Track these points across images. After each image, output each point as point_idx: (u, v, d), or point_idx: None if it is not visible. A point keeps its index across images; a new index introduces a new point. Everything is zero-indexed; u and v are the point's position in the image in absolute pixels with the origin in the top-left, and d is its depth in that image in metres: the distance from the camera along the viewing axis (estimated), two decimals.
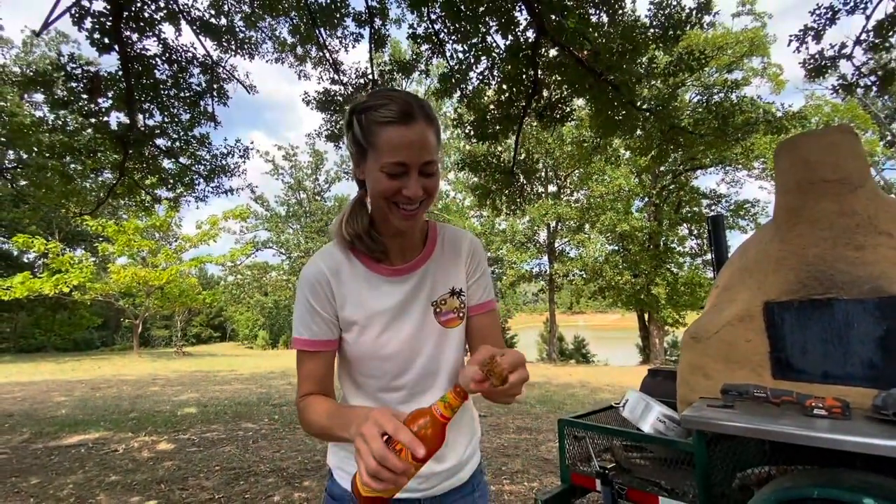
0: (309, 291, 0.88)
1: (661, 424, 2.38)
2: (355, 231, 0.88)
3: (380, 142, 0.77)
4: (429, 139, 0.79)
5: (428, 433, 0.60)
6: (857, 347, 1.69)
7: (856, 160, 1.85)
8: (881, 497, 1.33)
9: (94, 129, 4.99)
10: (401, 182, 0.79)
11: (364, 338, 0.89)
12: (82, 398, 7.92)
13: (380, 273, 0.91)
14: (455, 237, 0.99)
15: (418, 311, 0.91)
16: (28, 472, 3.86)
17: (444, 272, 0.95)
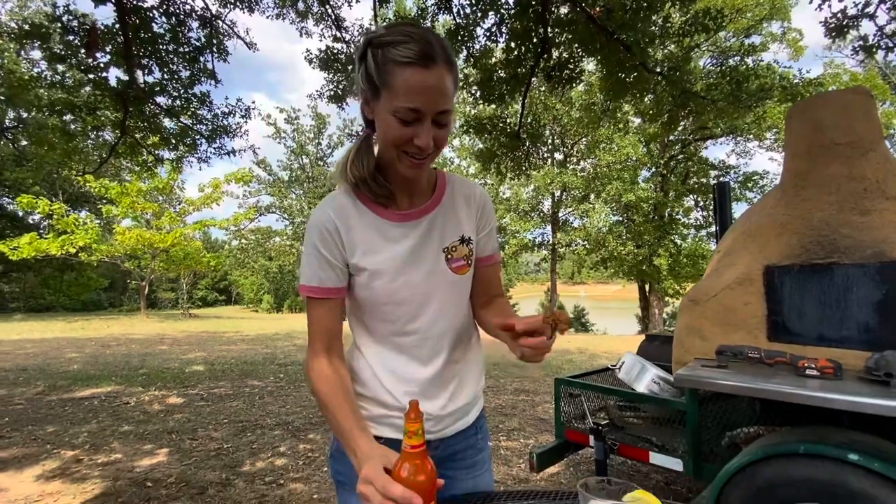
0: (317, 238, 0.85)
1: (655, 386, 2.44)
2: (360, 174, 0.85)
3: (395, 83, 0.72)
4: (447, 85, 0.75)
5: (419, 479, 0.60)
6: (854, 311, 1.70)
7: (869, 123, 1.81)
8: (865, 453, 1.37)
9: (93, 86, 4.89)
10: (413, 129, 0.75)
11: (376, 283, 0.87)
12: (93, 355, 8.15)
13: (388, 218, 0.88)
14: (465, 186, 0.97)
15: (430, 257, 0.90)
16: (44, 422, 4.03)
17: (455, 219, 0.93)
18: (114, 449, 3.37)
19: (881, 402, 1.33)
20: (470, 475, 1.00)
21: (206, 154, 6.49)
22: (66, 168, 7.95)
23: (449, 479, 0.96)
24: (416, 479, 0.60)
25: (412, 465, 0.61)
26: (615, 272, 18.03)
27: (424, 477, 0.60)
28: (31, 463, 3.09)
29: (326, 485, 2.80)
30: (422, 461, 0.61)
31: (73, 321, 16.40)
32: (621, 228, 17.14)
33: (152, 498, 2.60)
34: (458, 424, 0.97)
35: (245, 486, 2.76)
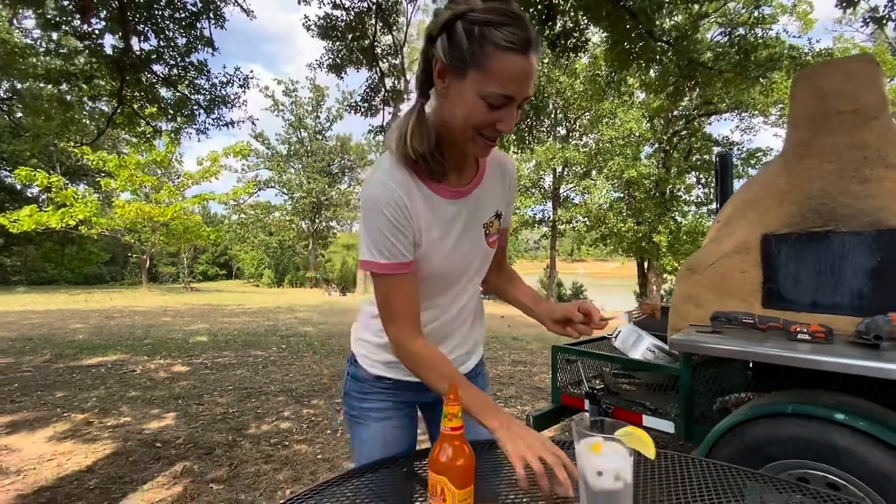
0: (390, 214, 0.80)
1: (650, 354, 2.50)
2: (424, 150, 0.80)
3: (493, 67, 0.69)
4: (535, 71, 0.73)
5: (458, 463, 0.61)
6: (848, 278, 1.73)
7: (873, 91, 1.79)
8: (851, 413, 1.42)
9: (88, 53, 4.80)
10: (499, 114, 0.73)
11: (435, 257, 0.87)
12: (97, 325, 8.26)
13: (442, 195, 0.86)
14: (501, 160, 0.97)
15: (474, 233, 0.92)
16: (52, 387, 4.13)
17: (491, 195, 0.95)
18: (122, 413, 3.47)
19: (868, 363, 1.37)
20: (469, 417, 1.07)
21: (204, 125, 6.44)
22: (64, 139, 7.85)
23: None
24: (455, 463, 0.60)
25: (452, 447, 0.61)
26: (614, 249, 18.07)
27: (464, 460, 0.61)
28: (42, 425, 3.19)
29: (329, 446, 2.90)
30: (461, 443, 0.62)
31: (75, 294, 16.55)
32: (622, 205, 17.10)
33: (162, 457, 2.69)
34: (462, 368, 1.03)
35: (251, 446, 2.86)
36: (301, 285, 29.25)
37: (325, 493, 0.78)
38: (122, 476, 2.45)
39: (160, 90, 5.91)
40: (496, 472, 0.90)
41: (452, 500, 0.58)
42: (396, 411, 1.00)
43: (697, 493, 0.81)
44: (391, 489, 0.83)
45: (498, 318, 10.01)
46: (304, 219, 30.68)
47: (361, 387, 1.01)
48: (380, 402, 0.99)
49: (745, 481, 0.87)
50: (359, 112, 6.91)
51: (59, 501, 2.19)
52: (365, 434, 0.99)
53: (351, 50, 6.06)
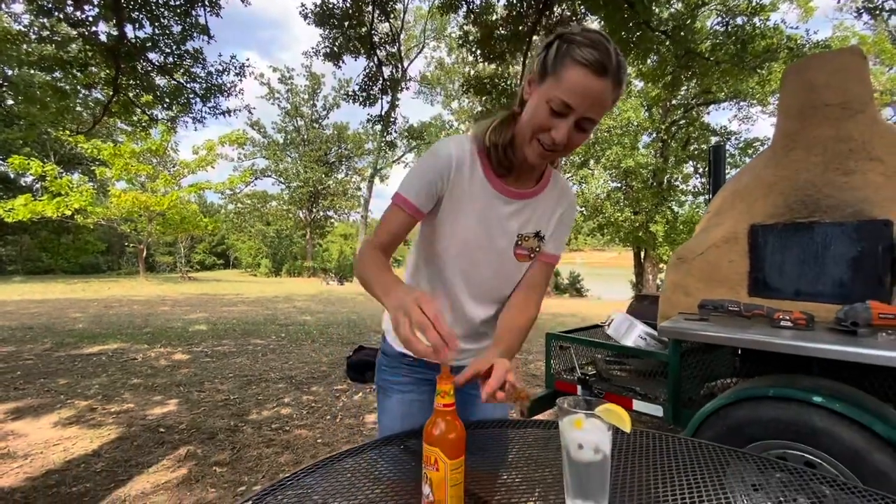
0: (432, 165, 0.93)
1: (641, 341, 2.56)
2: (497, 141, 0.92)
3: (564, 75, 0.78)
4: (606, 99, 0.80)
5: (450, 436, 0.65)
6: (830, 267, 1.79)
7: (860, 84, 1.84)
8: (829, 395, 1.49)
9: (82, 41, 4.77)
10: (556, 121, 0.81)
11: (458, 231, 0.96)
12: (96, 315, 8.30)
13: (494, 186, 0.96)
14: (564, 189, 1.05)
15: (505, 235, 0.99)
16: (55, 375, 4.18)
17: (541, 214, 1.01)
18: (125, 399, 3.53)
19: (845, 349, 1.44)
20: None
21: (200, 114, 6.42)
22: (59, 128, 7.78)
23: (470, 397, 1.09)
24: (448, 436, 0.65)
25: (445, 422, 0.66)
26: (611, 238, 18.16)
27: (455, 434, 0.66)
28: (46, 411, 3.25)
29: (329, 431, 2.97)
30: (452, 418, 0.67)
31: (72, 283, 16.54)
32: (619, 195, 17.12)
33: (166, 442, 2.76)
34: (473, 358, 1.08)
35: (253, 431, 2.93)
36: (299, 275, 29.29)
37: (325, 470, 0.83)
38: (127, 459, 2.52)
39: (155, 78, 5.88)
40: (484, 449, 0.96)
41: (445, 469, 0.64)
42: (416, 386, 1.09)
43: (682, 469, 0.87)
44: (389, 464, 0.89)
45: None
46: (302, 208, 30.60)
47: (389, 361, 1.11)
48: (403, 377, 1.09)
49: (728, 459, 0.93)
50: (357, 101, 6.89)
51: (67, 483, 2.26)
52: (387, 404, 1.10)
53: (348, 38, 6.03)
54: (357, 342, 5.84)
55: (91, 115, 6.87)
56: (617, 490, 0.78)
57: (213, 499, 2.14)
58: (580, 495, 0.72)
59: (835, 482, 0.83)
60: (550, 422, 1.06)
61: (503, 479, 0.83)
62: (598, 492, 0.72)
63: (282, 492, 0.76)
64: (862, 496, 0.79)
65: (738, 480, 0.88)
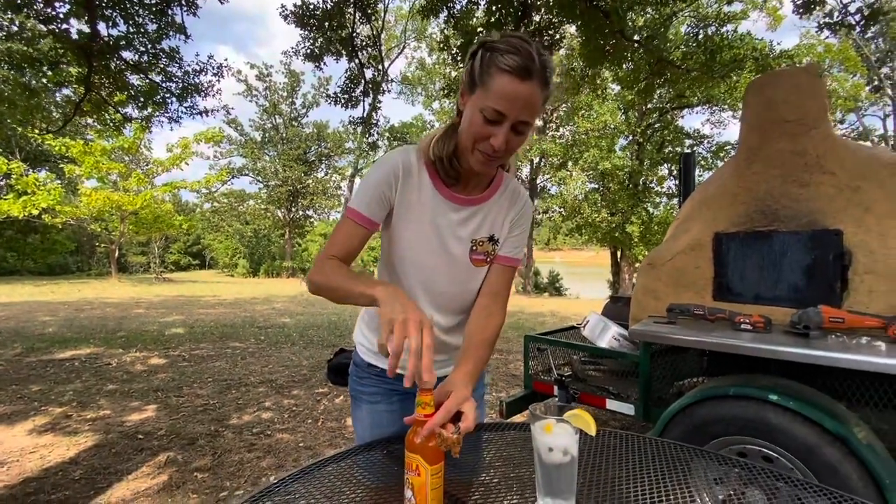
0: (380, 175, 0.95)
1: (615, 342, 2.67)
2: (440, 154, 0.95)
3: (491, 85, 0.81)
4: (535, 100, 0.82)
5: (430, 444, 0.70)
6: (786, 273, 1.92)
7: (815, 101, 1.96)
8: (784, 394, 1.60)
9: (53, 38, 4.64)
10: (492, 129, 0.83)
11: (409, 240, 0.99)
12: (67, 318, 8.05)
13: (442, 194, 0.99)
14: (516, 192, 1.07)
15: (459, 241, 1.01)
16: (27, 381, 4.07)
17: (493, 218, 1.04)
18: (101, 406, 3.47)
19: (797, 350, 1.55)
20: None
21: (176, 113, 6.29)
22: (27, 127, 7.50)
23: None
24: (428, 444, 0.70)
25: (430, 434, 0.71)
26: (589, 239, 18.49)
27: (434, 443, 0.71)
28: (20, 419, 3.18)
29: (311, 435, 2.99)
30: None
31: (41, 285, 15.96)
32: (596, 196, 17.46)
33: (145, 448, 2.74)
34: (443, 370, 1.09)
35: (234, 436, 2.93)
36: (277, 275, 28.85)
37: (310, 475, 0.87)
38: (106, 467, 2.50)
39: (130, 77, 5.74)
40: (464, 451, 1.02)
41: (426, 474, 0.69)
42: (385, 397, 1.11)
43: (647, 466, 0.95)
44: (372, 470, 0.94)
45: None
46: (280, 207, 30.13)
47: (357, 371, 1.14)
48: (371, 387, 1.11)
49: (692, 456, 1.01)
50: (339, 103, 6.87)
51: (46, 491, 2.23)
52: (358, 413, 1.13)
53: (329, 40, 6.01)
54: (338, 344, 5.84)
55: (62, 114, 6.65)
56: (584, 487, 0.85)
57: None
58: (550, 493, 0.79)
59: (788, 478, 0.92)
60: (525, 423, 1.13)
61: (481, 479, 0.90)
62: (567, 490, 0.79)
63: (269, 498, 0.81)
64: (810, 491, 0.88)
65: (701, 476, 0.96)
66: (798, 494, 0.86)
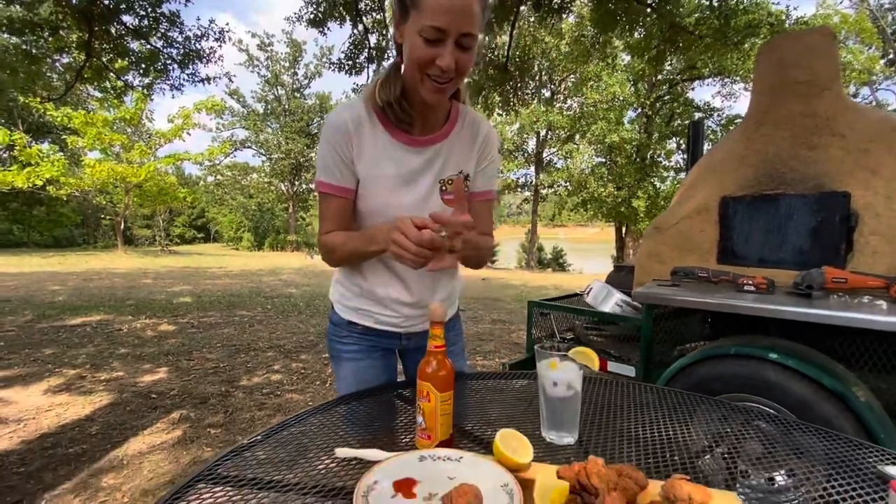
0: (332, 138, 0.91)
1: (618, 308, 2.70)
2: (387, 98, 0.89)
3: (424, 2, 0.75)
4: (474, 8, 0.76)
5: (440, 373, 0.73)
6: (791, 236, 1.92)
7: (828, 63, 1.92)
8: (783, 353, 1.63)
9: (53, 2, 4.54)
10: (436, 50, 0.77)
11: (370, 195, 0.95)
12: (76, 287, 8.18)
13: (399, 140, 0.93)
14: (475, 122, 1.01)
15: (426, 184, 0.96)
16: (40, 346, 4.18)
17: (458, 153, 0.98)
18: (114, 368, 3.57)
19: (798, 309, 1.57)
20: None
21: (178, 81, 6.21)
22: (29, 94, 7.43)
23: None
24: (439, 373, 0.73)
25: (436, 361, 0.74)
26: (594, 214, 18.40)
27: (445, 371, 0.74)
28: (35, 380, 3.27)
29: (320, 395, 3.08)
30: (443, 357, 0.75)
31: (48, 256, 16.13)
32: (603, 170, 17.28)
33: (158, 406, 2.83)
34: (423, 325, 1.10)
35: (244, 396, 3.02)
36: (282, 249, 29.01)
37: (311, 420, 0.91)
38: (121, 423, 2.59)
39: (130, 43, 5.65)
40: (474, 396, 1.06)
41: (436, 400, 0.73)
42: (368, 353, 1.09)
43: (649, 409, 0.99)
44: (374, 413, 0.97)
45: (479, 280, 10.26)
46: (284, 181, 30.03)
47: (337, 330, 1.10)
48: (352, 345, 1.08)
49: (696, 404, 1.04)
50: (342, 70, 6.75)
51: (63, 445, 2.33)
52: (342, 372, 1.11)
53: (333, 4, 5.86)
54: None
55: (63, 82, 6.58)
56: (587, 428, 0.89)
57: (209, 457, 2.24)
58: (554, 427, 0.82)
59: (771, 418, 0.95)
60: (530, 373, 1.16)
61: (489, 417, 0.93)
62: (570, 424, 0.82)
63: (286, 428, 0.86)
64: (794, 427, 0.91)
65: (703, 420, 0.99)
66: (792, 435, 0.90)
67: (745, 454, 0.83)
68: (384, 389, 1.07)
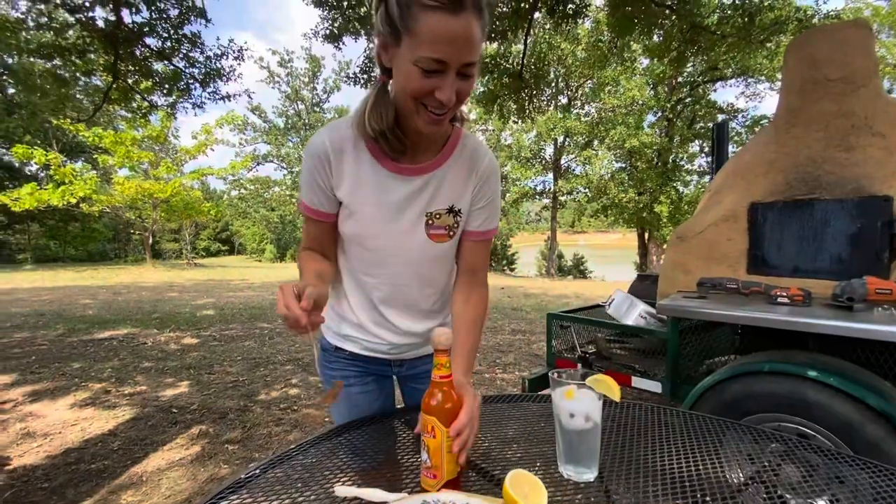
0: (311, 163, 0.86)
1: (642, 320, 2.59)
2: (380, 127, 0.80)
3: (420, 29, 0.65)
4: (475, 34, 0.67)
5: (446, 406, 0.68)
6: (828, 244, 1.80)
7: (864, 58, 1.81)
8: (823, 370, 1.51)
9: (80, 27, 4.74)
10: (435, 81, 0.69)
11: (352, 223, 0.89)
12: (106, 301, 8.43)
13: (385, 167, 0.86)
14: (475, 153, 0.91)
15: (411, 216, 0.89)
16: (69, 359, 4.29)
17: (450, 186, 0.89)
18: (138, 382, 3.63)
19: (839, 323, 1.45)
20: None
21: (200, 99, 6.39)
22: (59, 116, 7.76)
23: (416, 391, 1.09)
24: (444, 406, 0.68)
25: (441, 393, 0.69)
26: (615, 220, 18.08)
27: (451, 404, 0.69)
28: (62, 394, 3.35)
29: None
30: (448, 389, 0.69)
31: (81, 270, 16.75)
32: (623, 175, 16.99)
33: (178, 421, 2.85)
34: (416, 352, 1.05)
35: (262, 411, 3.01)
36: None
37: (310, 450, 0.86)
38: (142, 438, 2.61)
39: (154, 64, 5.85)
40: (487, 423, 1.00)
41: (441, 436, 0.67)
42: (359, 379, 1.04)
43: (676, 439, 0.91)
44: (376, 444, 0.91)
45: (498, 289, 10.16)
46: None
47: (326, 356, 1.05)
48: (342, 371, 1.03)
49: (724, 430, 0.96)
50: (358, 83, 6.83)
51: (86, 461, 2.35)
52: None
53: (347, 19, 5.95)
54: None
55: (91, 103, 6.85)
56: (609, 459, 0.82)
57: (226, 474, 2.22)
58: (572, 461, 0.76)
59: (825, 451, 0.86)
60: (548, 395, 1.09)
61: (503, 454, 0.87)
62: (589, 458, 0.75)
63: (295, 457, 0.82)
64: (850, 464, 0.82)
65: (734, 450, 0.91)
66: (837, 469, 0.81)
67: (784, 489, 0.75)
68: (384, 418, 1.02)
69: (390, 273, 0.93)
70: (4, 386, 3.51)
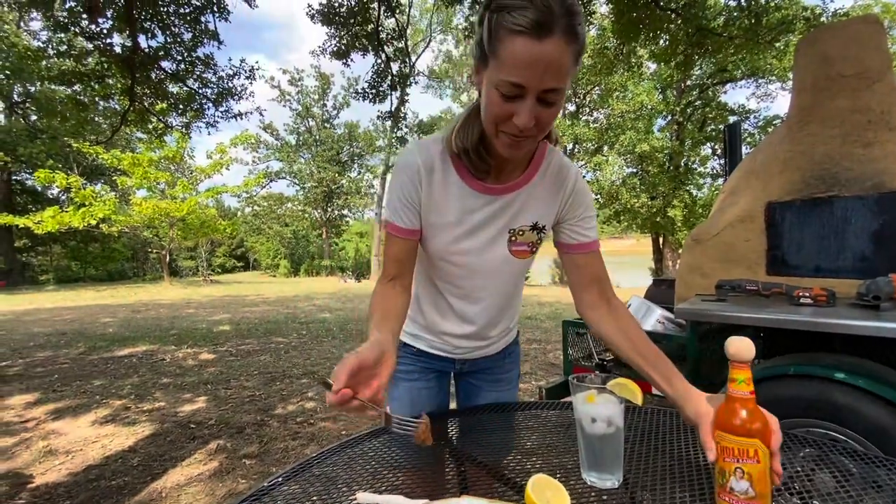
0: (401, 181, 0.88)
1: (659, 325, 2.55)
2: (464, 145, 0.83)
3: (503, 53, 0.66)
4: (562, 61, 0.65)
5: (763, 423, 0.59)
6: (851, 242, 1.75)
7: (877, 53, 1.78)
8: (851, 371, 1.46)
9: (98, 53, 4.91)
10: (513, 106, 0.69)
11: (437, 240, 0.92)
12: (125, 319, 8.58)
13: (471, 186, 0.88)
14: (560, 170, 0.93)
15: (493, 233, 0.92)
16: (90, 377, 4.36)
17: (535, 203, 0.92)
18: (157, 398, 3.66)
19: (866, 323, 1.41)
20: (493, 388, 1.15)
21: (213, 118, 6.54)
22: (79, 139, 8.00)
23: (474, 387, 1.15)
24: (764, 424, 0.59)
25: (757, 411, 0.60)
26: (629, 225, 17.92)
27: (764, 420, 0.59)
28: (84, 412, 3.39)
29: (353, 424, 3.04)
30: (756, 405, 0.61)
31: (101, 290, 17.09)
32: (635, 180, 16.88)
33: (197, 437, 2.86)
34: (482, 352, 1.10)
35: (279, 425, 3.02)
36: (317, 274, 29.68)
37: (332, 458, 0.87)
38: (161, 454, 2.63)
39: (169, 86, 6.01)
40: (510, 431, 0.99)
41: (765, 458, 0.58)
42: (422, 374, 1.10)
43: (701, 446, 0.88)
44: (395, 450, 0.91)
45: None
46: (317, 208, 30.99)
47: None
48: (407, 366, 1.09)
49: None
50: (366, 98, 6.93)
51: (106, 478, 2.37)
52: (395, 392, 1.11)
53: (355, 36, 6.06)
54: None
55: (109, 126, 7.06)
56: (633, 467, 0.80)
57: (244, 489, 2.22)
58: (595, 468, 0.74)
59: (861, 455, 0.83)
60: (569, 403, 1.08)
61: (523, 465, 0.86)
62: (613, 464, 0.74)
63: (310, 470, 0.81)
64: (888, 467, 0.79)
65: None
66: (873, 474, 0.77)
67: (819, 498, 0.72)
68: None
69: (469, 286, 0.98)
70: (28, 405, 3.57)
